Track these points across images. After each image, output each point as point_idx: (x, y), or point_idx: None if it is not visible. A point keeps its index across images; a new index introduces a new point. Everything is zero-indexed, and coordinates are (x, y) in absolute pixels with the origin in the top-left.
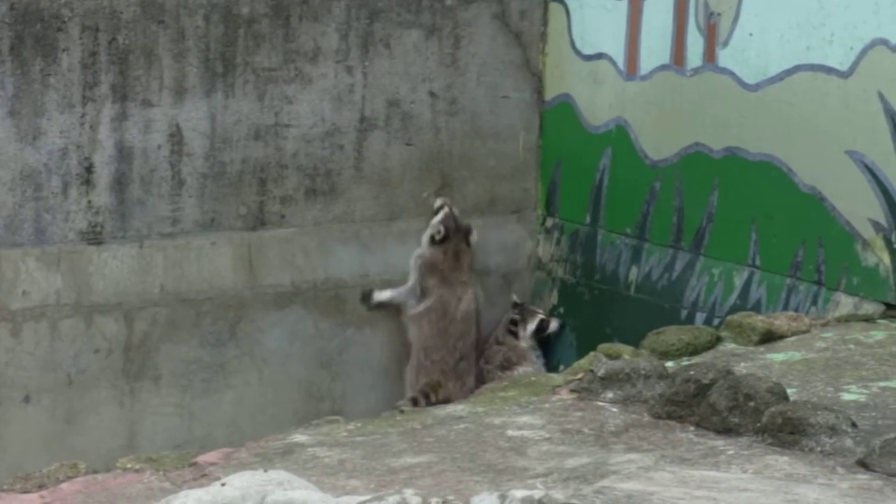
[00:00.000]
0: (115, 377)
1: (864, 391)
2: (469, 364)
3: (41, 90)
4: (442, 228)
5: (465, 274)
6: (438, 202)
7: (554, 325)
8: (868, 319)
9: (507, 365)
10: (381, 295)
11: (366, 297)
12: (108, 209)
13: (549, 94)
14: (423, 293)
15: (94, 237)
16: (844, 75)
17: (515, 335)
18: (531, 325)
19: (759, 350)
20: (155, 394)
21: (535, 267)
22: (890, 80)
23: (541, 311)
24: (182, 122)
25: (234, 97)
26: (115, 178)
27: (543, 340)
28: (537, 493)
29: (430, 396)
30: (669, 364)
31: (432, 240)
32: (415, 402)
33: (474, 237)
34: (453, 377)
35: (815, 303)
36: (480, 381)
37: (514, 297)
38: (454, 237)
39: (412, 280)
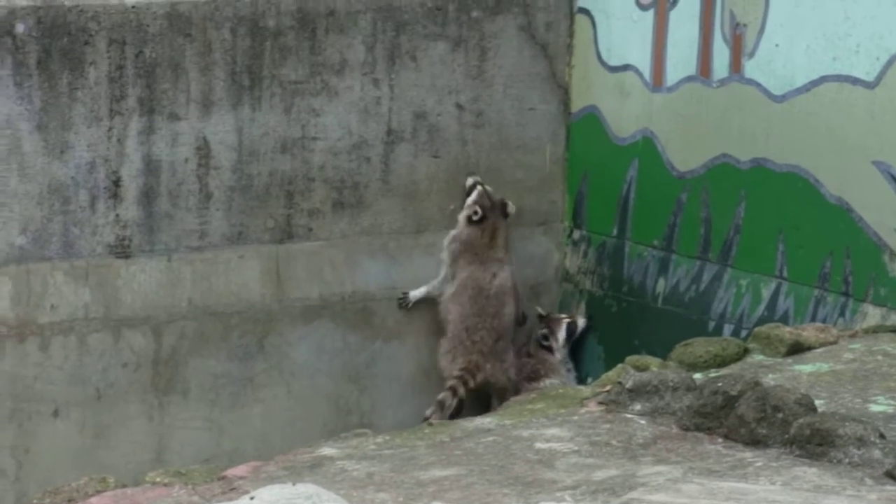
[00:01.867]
0: (144, 391)
1: (893, 402)
2: (507, 343)
3: (68, 104)
4: (478, 209)
5: (502, 251)
6: (470, 181)
7: (581, 322)
8: None
9: (534, 377)
10: (417, 292)
11: (402, 301)
12: (135, 223)
13: (576, 106)
14: (454, 276)
15: (122, 251)
16: (871, 86)
17: (550, 349)
18: (562, 334)
19: (787, 362)
20: (183, 407)
21: (562, 279)
22: None
23: (564, 315)
24: (209, 136)
25: (260, 110)
26: (143, 191)
27: (575, 346)
28: None
29: (468, 382)
30: (697, 376)
31: (469, 220)
32: (454, 392)
33: (511, 209)
34: (493, 358)
35: (842, 314)
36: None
37: (539, 310)
38: (491, 215)
39: (444, 269)
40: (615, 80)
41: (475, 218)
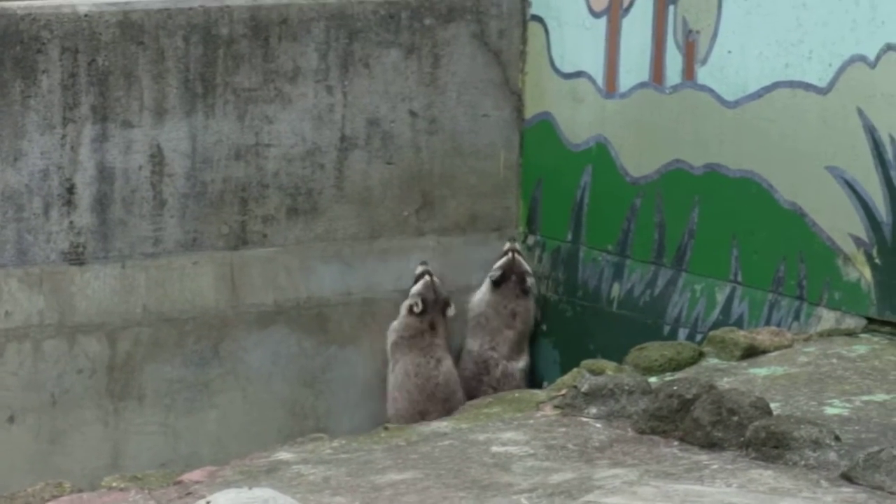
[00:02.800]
0: (99, 397)
1: (847, 405)
2: None
3: (21, 112)
4: (419, 301)
5: (441, 343)
6: (419, 269)
7: (515, 244)
8: (850, 334)
9: (513, 356)
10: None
11: None
12: (89, 230)
13: (529, 113)
14: (395, 363)
15: (76, 258)
16: (823, 92)
17: (527, 290)
18: (525, 266)
19: (742, 365)
20: (139, 413)
21: None
22: (868, 96)
23: (503, 257)
24: (163, 143)
25: (214, 117)
26: (97, 198)
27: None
28: None
29: None
30: (652, 380)
31: (410, 310)
32: None
33: (451, 311)
34: None
35: (797, 318)
36: None
37: (491, 276)
38: (432, 309)
39: (389, 353)
40: (568, 86)
41: (416, 310)
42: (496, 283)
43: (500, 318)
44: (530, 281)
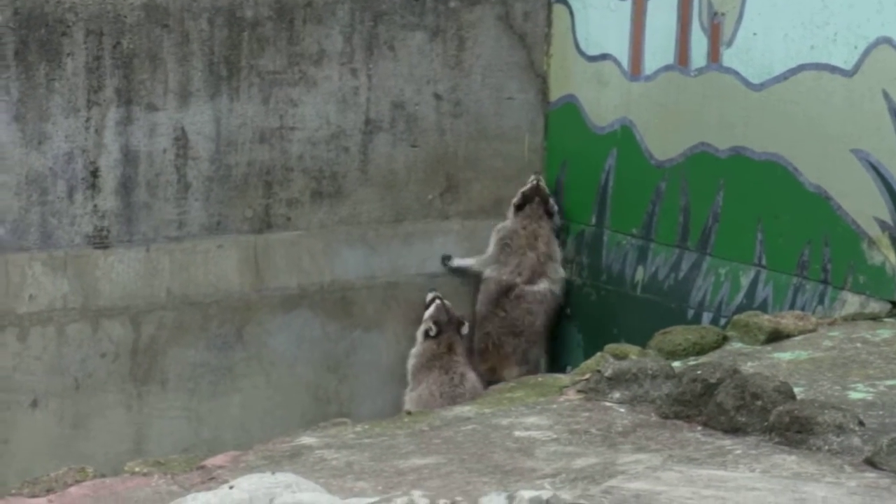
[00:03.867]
0: (123, 381)
1: (872, 390)
2: None
3: (46, 95)
4: (433, 325)
5: (461, 361)
6: (430, 296)
7: (533, 177)
8: (875, 318)
9: (532, 278)
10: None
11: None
12: (114, 213)
13: (554, 95)
14: (417, 384)
15: (100, 241)
16: (849, 74)
17: (550, 214)
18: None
19: (766, 349)
20: (162, 397)
21: None
22: (894, 79)
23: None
24: (187, 126)
25: (238, 100)
26: (121, 182)
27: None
28: (545, 494)
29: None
30: (676, 364)
31: (426, 335)
32: None
33: (465, 329)
34: None
35: (821, 302)
36: None
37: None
38: (447, 329)
39: (410, 378)
40: (593, 69)
41: (431, 334)
42: (519, 207)
43: (522, 240)
44: (553, 203)
